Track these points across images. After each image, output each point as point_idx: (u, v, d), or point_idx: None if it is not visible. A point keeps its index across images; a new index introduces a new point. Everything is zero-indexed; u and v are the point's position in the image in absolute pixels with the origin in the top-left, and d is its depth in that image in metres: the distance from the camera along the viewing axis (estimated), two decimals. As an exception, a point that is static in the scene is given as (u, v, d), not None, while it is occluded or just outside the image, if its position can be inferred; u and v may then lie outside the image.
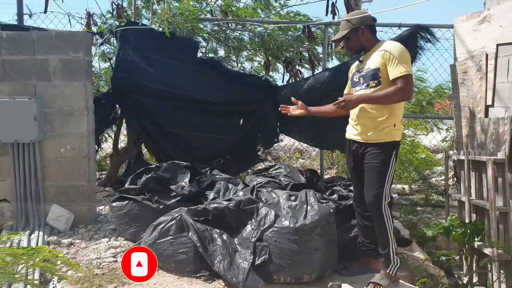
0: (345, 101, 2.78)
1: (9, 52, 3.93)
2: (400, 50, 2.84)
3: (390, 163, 2.88)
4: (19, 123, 3.83)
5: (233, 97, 4.88)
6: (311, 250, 3.01)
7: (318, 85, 4.75)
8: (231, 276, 2.91)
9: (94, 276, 3.05)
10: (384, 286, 2.86)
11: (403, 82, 2.76)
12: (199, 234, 3.09)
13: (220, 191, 3.73)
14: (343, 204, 3.49)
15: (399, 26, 4.86)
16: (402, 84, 2.75)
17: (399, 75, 2.76)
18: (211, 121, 4.88)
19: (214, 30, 5.67)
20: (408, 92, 2.81)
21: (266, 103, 4.86)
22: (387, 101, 2.81)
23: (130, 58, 4.68)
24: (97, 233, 3.87)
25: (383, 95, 2.79)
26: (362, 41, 2.99)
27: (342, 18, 3.23)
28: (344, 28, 3.02)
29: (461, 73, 4.42)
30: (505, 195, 3.69)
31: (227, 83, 4.86)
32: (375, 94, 2.83)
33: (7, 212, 4.01)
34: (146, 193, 3.78)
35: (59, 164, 4.01)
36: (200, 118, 4.87)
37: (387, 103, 2.83)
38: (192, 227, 3.13)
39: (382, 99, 2.81)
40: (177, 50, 4.77)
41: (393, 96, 2.78)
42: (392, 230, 2.89)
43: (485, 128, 4.01)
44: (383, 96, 2.79)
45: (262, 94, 4.90)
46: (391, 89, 2.77)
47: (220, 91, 4.83)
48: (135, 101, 4.81)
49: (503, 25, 3.90)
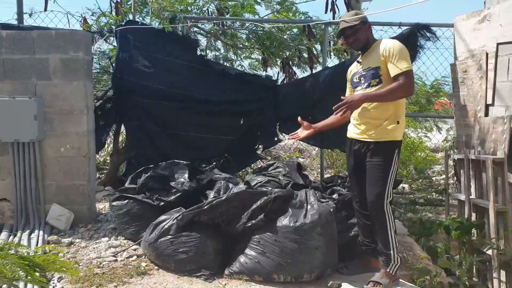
0: (347, 102, 2.76)
1: (9, 51, 3.93)
2: (399, 46, 2.85)
3: (393, 161, 2.88)
4: (19, 122, 3.83)
5: (233, 96, 4.88)
6: (311, 249, 3.02)
7: (319, 83, 4.76)
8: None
9: (94, 275, 3.05)
10: (384, 285, 2.86)
11: (405, 78, 2.76)
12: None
13: (220, 190, 3.73)
14: (343, 203, 3.49)
15: (400, 25, 4.86)
16: (404, 80, 2.76)
17: (400, 72, 2.77)
18: (211, 121, 4.88)
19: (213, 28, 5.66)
20: (410, 88, 2.82)
21: (266, 102, 4.86)
22: (390, 98, 2.81)
23: (129, 57, 4.68)
24: (97, 233, 3.87)
25: (386, 92, 2.78)
26: (368, 36, 2.99)
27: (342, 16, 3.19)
28: (353, 20, 2.96)
29: (461, 72, 4.42)
30: (504, 194, 3.70)
31: (227, 82, 4.86)
32: (378, 92, 2.83)
33: (7, 211, 4.01)
34: (146, 192, 3.78)
35: (59, 164, 4.01)
36: (200, 118, 4.86)
37: (390, 100, 2.83)
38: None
39: (386, 96, 2.80)
40: (177, 48, 4.76)
41: (396, 93, 2.78)
42: (394, 229, 2.89)
43: (485, 127, 4.01)
44: (386, 93, 2.78)
45: (262, 93, 4.89)
46: (393, 85, 2.77)
47: (220, 90, 4.82)
48: (133, 101, 4.81)
49: (503, 24, 3.90)
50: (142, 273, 3.11)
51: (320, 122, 3.34)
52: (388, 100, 2.84)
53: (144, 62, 4.68)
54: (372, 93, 2.84)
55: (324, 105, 4.71)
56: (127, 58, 4.70)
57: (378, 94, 2.82)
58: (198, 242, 3.12)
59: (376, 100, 2.85)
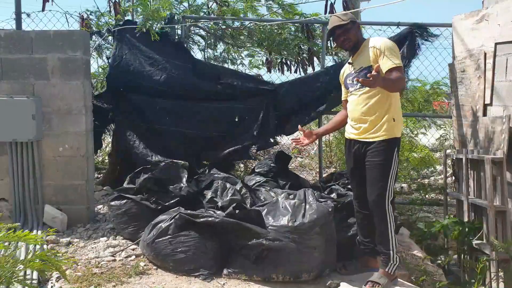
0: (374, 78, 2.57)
1: (7, 51, 3.92)
2: (389, 43, 2.87)
3: (393, 160, 2.88)
4: (17, 122, 3.82)
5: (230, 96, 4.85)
6: (310, 249, 3.02)
7: (318, 83, 4.75)
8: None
9: (93, 275, 3.05)
10: (383, 285, 2.86)
11: (399, 72, 2.78)
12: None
13: (218, 190, 3.72)
14: (342, 202, 3.49)
15: (398, 25, 4.86)
16: (398, 74, 2.77)
17: (394, 66, 2.78)
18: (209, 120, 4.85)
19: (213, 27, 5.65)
20: (404, 81, 2.91)
21: (264, 101, 4.84)
22: (397, 86, 2.81)
23: (127, 57, 4.66)
24: (95, 232, 3.87)
25: (394, 80, 2.75)
26: (358, 35, 2.99)
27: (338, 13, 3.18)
28: (342, 20, 2.96)
29: (459, 71, 4.43)
30: (503, 194, 3.70)
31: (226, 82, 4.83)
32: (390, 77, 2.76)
33: (5, 211, 4.00)
34: (144, 193, 3.76)
35: (57, 163, 4.01)
36: (197, 117, 4.84)
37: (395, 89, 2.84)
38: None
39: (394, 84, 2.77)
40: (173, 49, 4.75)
41: (399, 83, 2.79)
42: (394, 229, 2.90)
43: (483, 127, 4.01)
44: (395, 81, 2.75)
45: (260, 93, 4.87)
46: (396, 75, 2.76)
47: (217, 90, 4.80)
48: (130, 100, 4.78)
49: (501, 24, 3.90)
50: (141, 273, 3.11)
51: (321, 128, 3.38)
52: (394, 89, 2.83)
53: (142, 62, 4.67)
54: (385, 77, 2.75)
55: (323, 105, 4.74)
56: (125, 58, 4.68)
57: (390, 79, 2.75)
58: (196, 242, 3.12)
59: (389, 84, 2.76)
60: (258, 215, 3.13)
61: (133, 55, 4.66)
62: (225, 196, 3.61)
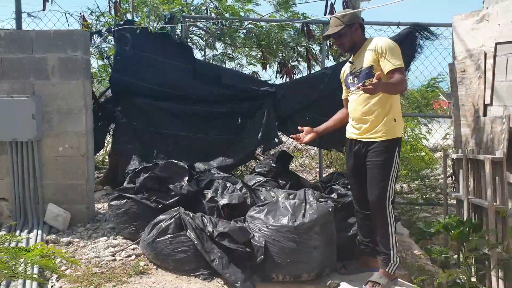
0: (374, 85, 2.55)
1: (7, 51, 3.91)
2: (391, 44, 2.86)
3: (394, 160, 2.88)
4: (18, 121, 3.82)
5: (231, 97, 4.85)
6: (310, 249, 3.02)
7: (317, 84, 4.75)
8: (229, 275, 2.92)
9: (93, 274, 3.05)
10: (383, 285, 2.86)
11: (400, 74, 2.78)
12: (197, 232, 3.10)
13: (218, 189, 3.72)
14: (342, 202, 3.49)
15: (398, 25, 4.86)
16: (399, 75, 2.77)
17: (395, 67, 2.77)
18: (209, 122, 4.85)
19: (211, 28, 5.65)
20: (405, 83, 2.89)
21: (265, 102, 4.84)
22: (400, 89, 2.84)
23: (127, 57, 4.66)
24: (95, 232, 3.87)
25: (395, 83, 2.76)
26: (355, 38, 2.98)
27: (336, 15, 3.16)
28: (337, 24, 2.96)
29: (459, 71, 4.43)
30: (503, 193, 3.70)
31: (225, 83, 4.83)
32: (391, 81, 2.76)
33: (6, 210, 4.00)
34: (144, 192, 3.77)
35: (57, 163, 4.01)
36: (198, 119, 4.84)
37: (396, 92, 2.85)
38: (190, 225, 3.13)
39: (395, 88, 2.79)
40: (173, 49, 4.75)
41: (400, 86, 2.80)
42: (394, 229, 2.90)
43: (483, 127, 4.01)
44: (396, 84, 2.76)
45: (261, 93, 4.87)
46: (397, 78, 2.76)
47: (218, 91, 4.80)
48: (131, 101, 4.78)
49: (501, 23, 3.90)
50: (141, 273, 3.11)
51: (321, 126, 3.35)
52: (395, 92, 2.85)
53: (142, 62, 4.67)
54: (386, 81, 2.75)
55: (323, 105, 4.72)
56: (125, 58, 4.68)
57: (390, 83, 2.76)
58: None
59: (390, 89, 2.78)
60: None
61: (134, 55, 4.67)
62: (225, 195, 3.62)
